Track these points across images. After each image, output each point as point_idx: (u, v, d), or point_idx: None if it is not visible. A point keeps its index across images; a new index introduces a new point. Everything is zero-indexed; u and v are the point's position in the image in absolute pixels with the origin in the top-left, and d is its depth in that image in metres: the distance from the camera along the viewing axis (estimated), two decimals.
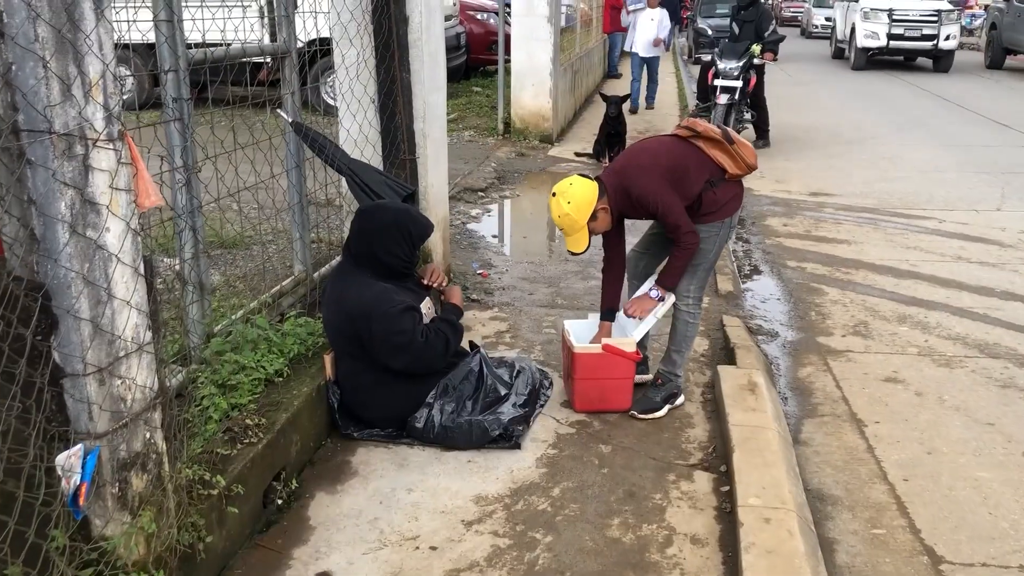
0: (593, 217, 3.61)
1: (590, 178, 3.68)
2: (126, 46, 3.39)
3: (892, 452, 3.67)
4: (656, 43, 13.04)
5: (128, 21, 3.35)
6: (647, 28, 13.00)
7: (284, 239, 5.62)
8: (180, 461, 2.61)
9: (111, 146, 2.13)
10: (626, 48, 14.02)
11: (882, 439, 3.78)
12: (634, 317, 3.80)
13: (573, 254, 3.71)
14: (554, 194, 3.63)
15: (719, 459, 3.47)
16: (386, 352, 3.44)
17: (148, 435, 2.35)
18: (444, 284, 3.93)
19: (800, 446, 3.74)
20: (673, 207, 3.58)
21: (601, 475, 3.34)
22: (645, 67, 13.35)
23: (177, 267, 3.48)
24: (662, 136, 3.89)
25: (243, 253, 5.49)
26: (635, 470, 3.38)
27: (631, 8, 13.99)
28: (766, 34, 10.00)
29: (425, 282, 3.85)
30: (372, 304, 3.42)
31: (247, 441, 2.99)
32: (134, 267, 2.24)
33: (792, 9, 39.04)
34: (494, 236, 6.80)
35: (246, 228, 5.46)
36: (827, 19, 27.98)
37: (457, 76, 14.44)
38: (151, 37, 3.22)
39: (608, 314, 3.90)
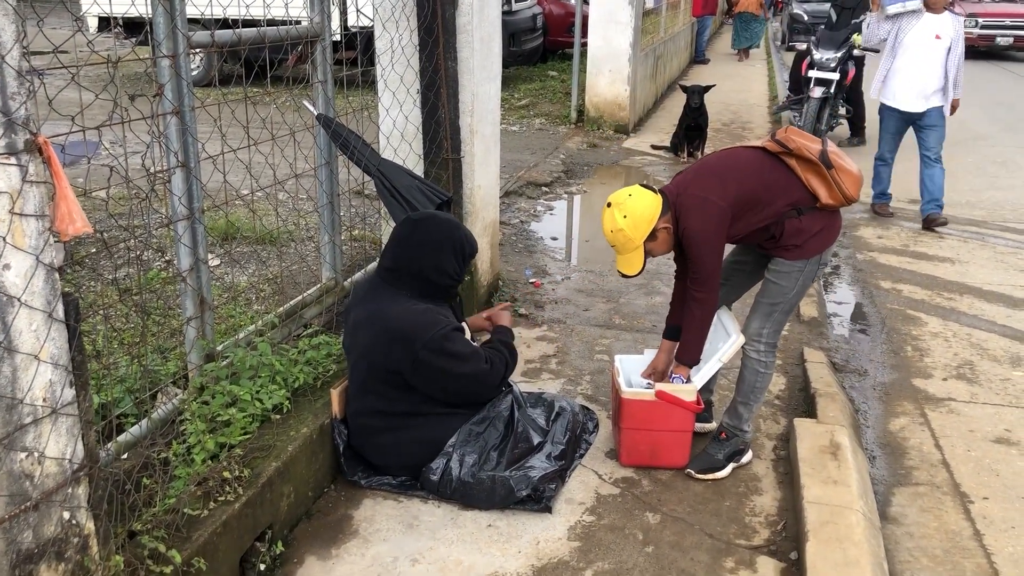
0: (652, 236, 3.05)
1: (654, 190, 3.10)
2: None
3: (1005, 542, 3.02)
4: (954, 106, 6.77)
5: None
6: (927, 57, 6.51)
7: (313, 240, 5.18)
8: (124, 532, 2.17)
9: (13, 160, 1.67)
10: (872, 95, 7.05)
11: (992, 522, 3.12)
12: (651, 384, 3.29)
13: (624, 276, 3.16)
14: (609, 204, 3.07)
15: (789, 541, 2.88)
16: (437, 378, 2.99)
17: (67, 515, 1.90)
18: None
19: (889, 524, 3.11)
20: (708, 260, 3.03)
21: (644, 555, 2.79)
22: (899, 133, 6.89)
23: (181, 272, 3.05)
24: (749, 149, 3.20)
25: (274, 251, 5.07)
26: (686, 551, 2.82)
27: (890, 9, 6.68)
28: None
29: None
30: (416, 326, 2.95)
31: (221, 499, 2.54)
32: (47, 311, 1.78)
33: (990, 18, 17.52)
34: (553, 238, 6.23)
35: (271, 227, 5.05)
36: None
37: (533, 59, 13.88)
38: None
39: (671, 332, 3.32)
